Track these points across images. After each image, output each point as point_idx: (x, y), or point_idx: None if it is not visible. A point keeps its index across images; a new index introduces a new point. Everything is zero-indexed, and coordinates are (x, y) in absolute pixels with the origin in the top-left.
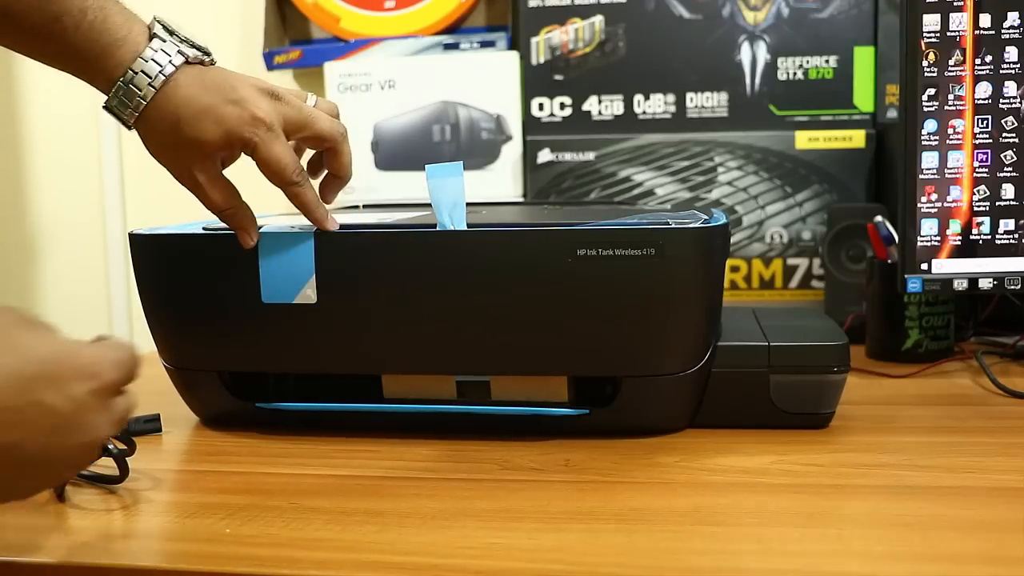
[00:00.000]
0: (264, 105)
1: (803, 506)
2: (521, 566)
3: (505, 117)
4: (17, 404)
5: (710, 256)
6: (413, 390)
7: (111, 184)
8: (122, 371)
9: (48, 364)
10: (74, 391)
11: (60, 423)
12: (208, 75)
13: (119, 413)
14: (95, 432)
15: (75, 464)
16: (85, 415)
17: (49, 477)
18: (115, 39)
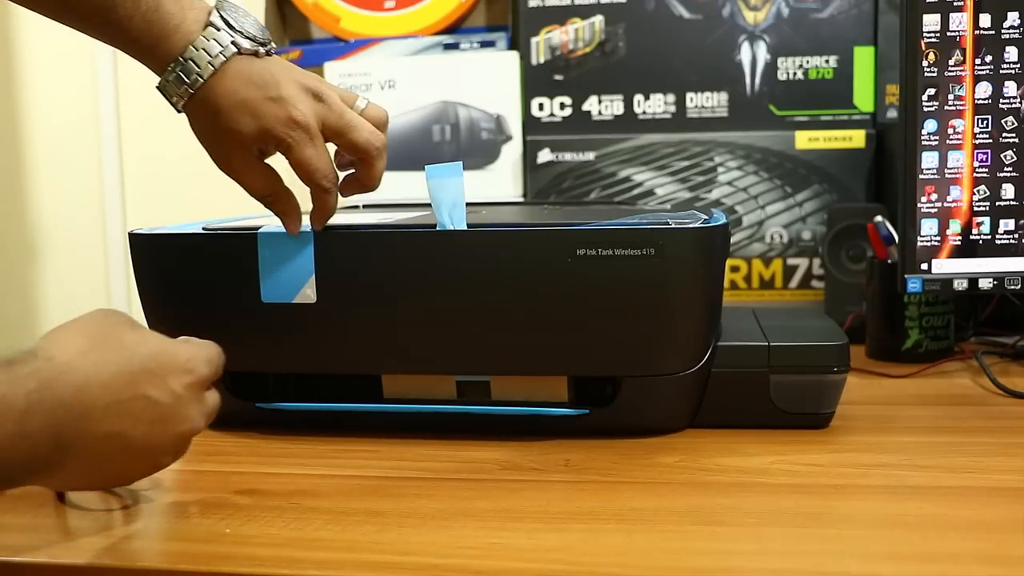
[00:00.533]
0: (303, 106)
1: (803, 506)
2: (521, 566)
3: (505, 117)
4: (124, 397)
5: (710, 256)
6: (413, 390)
7: (111, 184)
8: (212, 367)
9: (151, 361)
10: (173, 385)
11: (160, 414)
12: (256, 68)
13: (210, 406)
14: (190, 423)
15: (171, 452)
16: (182, 407)
17: (149, 464)
18: (168, 27)
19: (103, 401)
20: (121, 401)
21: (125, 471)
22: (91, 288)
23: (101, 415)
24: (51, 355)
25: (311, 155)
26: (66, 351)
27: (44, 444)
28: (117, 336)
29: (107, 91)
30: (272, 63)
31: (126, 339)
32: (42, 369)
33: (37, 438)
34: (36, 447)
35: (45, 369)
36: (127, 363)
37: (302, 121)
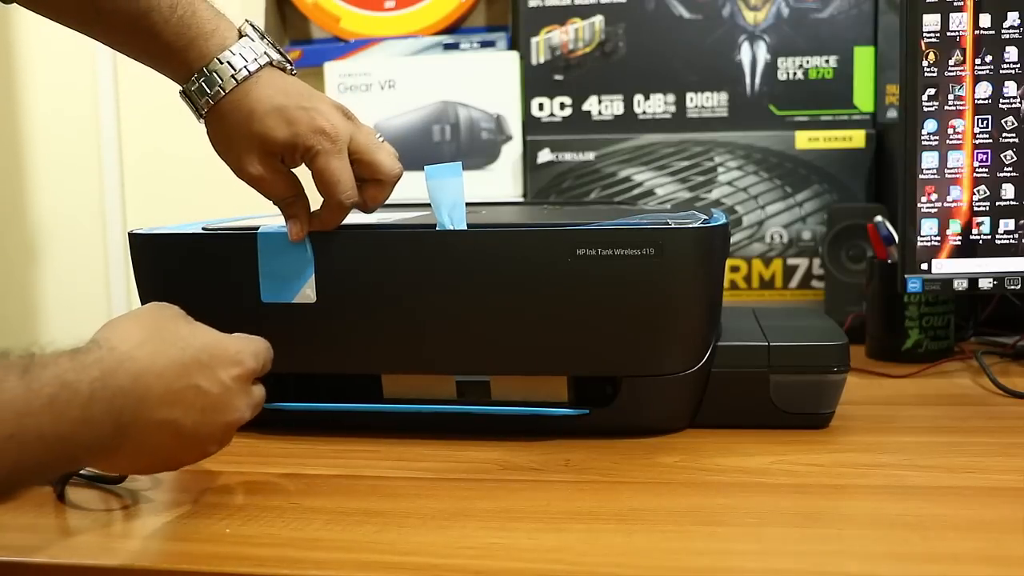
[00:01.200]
0: (335, 119)
1: (803, 506)
2: (521, 566)
3: (505, 117)
4: (177, 386)
5: (710, 256)
6: (413, 390)
7: (111, 184)
8: (259, 361)
9: (202, 352)
10: (222, 376)
11: (210, 403)
12: (288, 80)
13: (257, 398)
14: (237, 413)
15: (218, 441)
16: (231, 397)
17: (198, 451)
18: (203, 31)
19: (158, 389)
20: (174, 390)
21: (176, 456)
22: (91, 288)
23: (156, 402)
24: (113, 345)
25: (336, 166)
26: (126, 341)
27: (106, 429)
28: (172, 329)
29: (107, 91)
30: (300, 79)
31: (180, 331)
32: (105, 358)
33: (100, 423)
34: (99, 431)
35: (107, 358)
36: (180, 354)
37: (332, 132)
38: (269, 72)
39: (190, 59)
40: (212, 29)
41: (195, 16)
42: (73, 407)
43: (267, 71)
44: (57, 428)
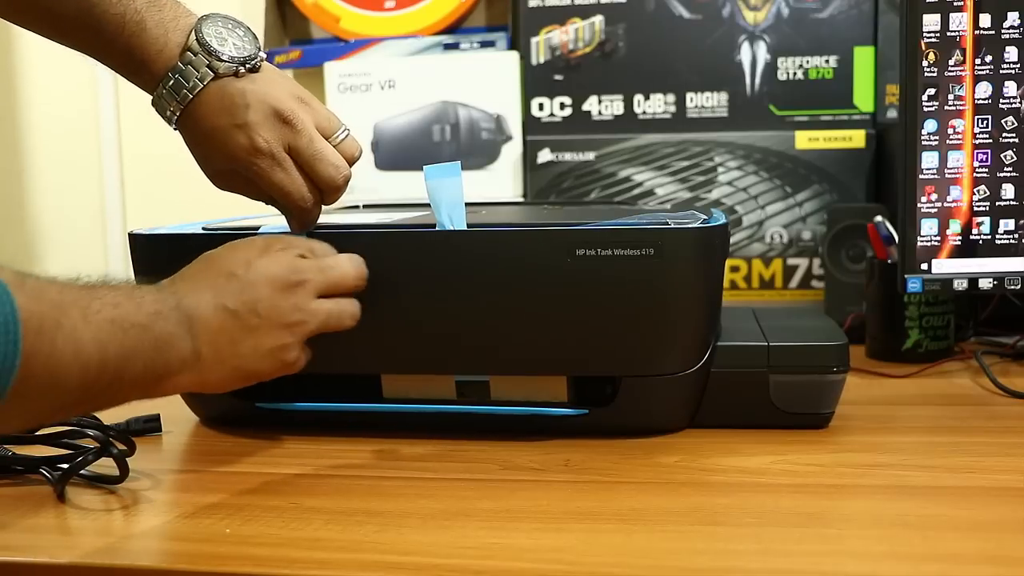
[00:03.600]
0: (268, 133)
1: (803, 506)
2: (521, 566)
3: (505, 117)
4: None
5: (709, 256)
6: (413, 390)
7: (111, 184)
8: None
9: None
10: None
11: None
12: (230, 91)
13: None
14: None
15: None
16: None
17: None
18: (151, 52)
19: (203, 291)
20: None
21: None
22: None
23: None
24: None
25: (280, 180)
26: (177, 275)
27: (183, 335)
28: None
29: (107, 91)
30: (249, 83)
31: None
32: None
33: (180, 335)
34: (182, 343)
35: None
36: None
37: (265, 149)
38: (212, 88)
39: (145, 80)
40: (160, 48)
41: (143, 36)
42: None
43: (211, 87)
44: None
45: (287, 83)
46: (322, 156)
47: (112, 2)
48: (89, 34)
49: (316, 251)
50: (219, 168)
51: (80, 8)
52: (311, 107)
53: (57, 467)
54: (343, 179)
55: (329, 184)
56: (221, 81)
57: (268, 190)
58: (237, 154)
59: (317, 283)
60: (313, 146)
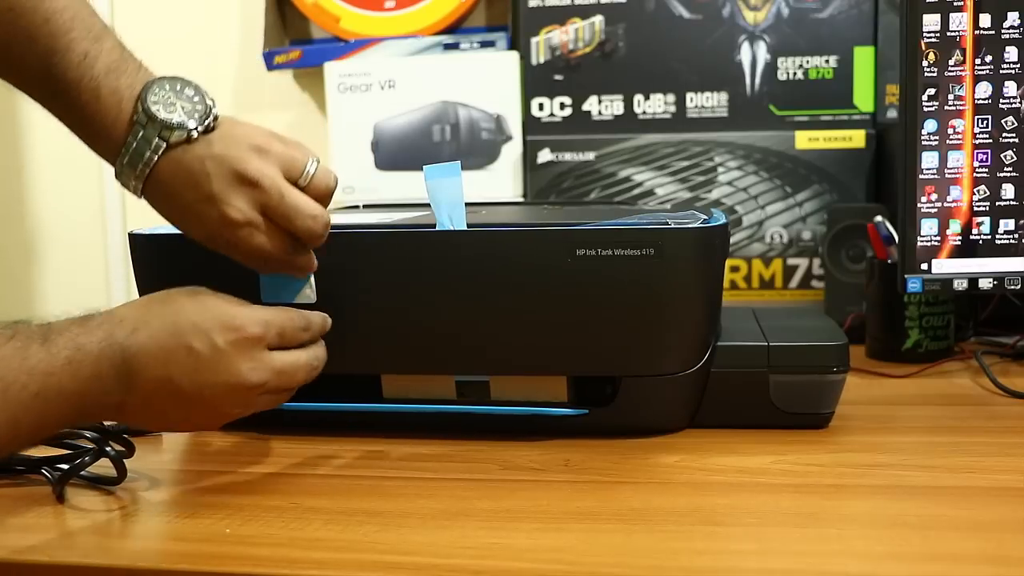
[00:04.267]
0: (237, 201)
1: (803, 506)
2: (521, 566)
3: (505, 117)
4: (169, 345)
5: (710, 256)
6: (413, 390)
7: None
8: (269, 328)
9: (198, 315)
10: (216, 339)
11: (203, 364)
12: (186, 162)
13: (271, 364)
14: (238, 376)
15: (235, 404)
16: (225, 361)
17: (211, 413)
18: (106, 123)
19: (151, 347)
20: (166, 349)
21: (186, 417)
22: (91, 288)
23: (149, 360)
24: (112, 311)
25: (260, 244)
26: (125, 308)
27: (112, 384)
28: (175, 297)
29: None
30: (206, 147)
31: (183, 299)
32: (106, 321)
33: (107, 378)
34: (107, 386)
35: (107, 322)
36: (175, 316)
37: (238, 220)
38: (168, 159)
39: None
40: (112, 120)
41: (97, 105)
42: (86, 366)
43: (166, 159)
44: (73, 384)
45: (245, 134)
46: (295, 211)
47: (71, 65)
48: (48, 95)
49: (287, 335)
50: (201, 240)
51: (42, 66)
52: (272, 153)
53: (57, 467)
54: (322, 228)
55: (309, 236)
56: (177, 151)
57: (251, 255)
58: (212, 229)
59: (271, 386)
60: (284, 203)
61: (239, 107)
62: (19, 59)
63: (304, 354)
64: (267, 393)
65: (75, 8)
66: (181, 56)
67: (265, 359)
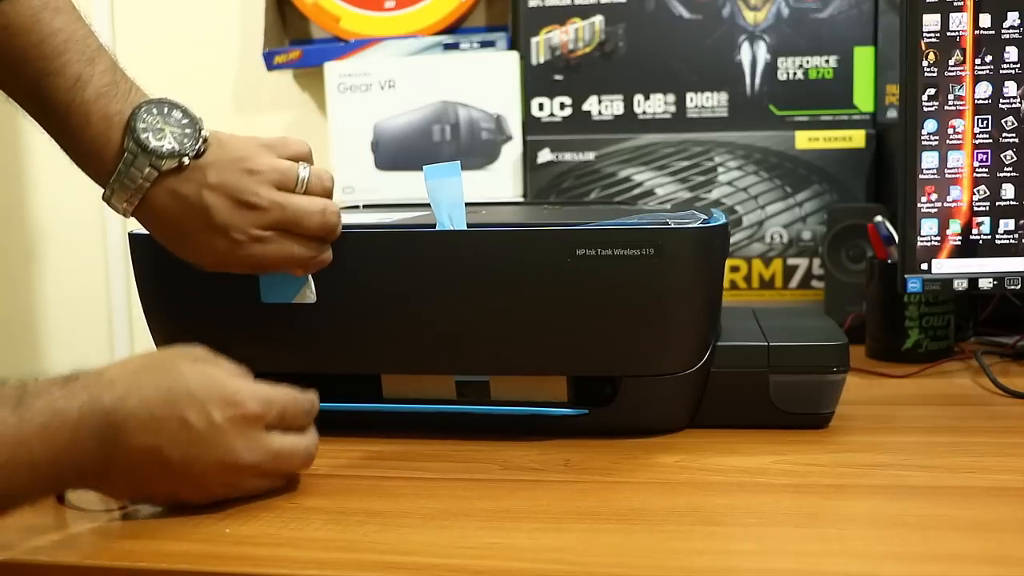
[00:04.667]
0: (242, 226)
1: (803, 506)
2: (521, 566)
3: (505, 117)
4: (162, 415)
5: (709, 256)
6: (413, 390)
7: None
8: (269, 408)
9: (196, 386)
10: (213, 414)
11: (196, 438)
12: (181, 193)
13: (266, 445)
14: (232, 455)
15: (221, 484)
16: (220, 437)
17: (195, 489)
18: (96, 148)
19: (141, 414)
20: (157, 418)
21: (169, 488)
22: (91, 288)
23: (138, 427)
24: (102, 372)
25: (274, 255)
26: (117, 369)
27: (92, 450)
28: (173, 362)
29: None
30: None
31: (181, 366)
32: (91, 384)
33: (86, 444)
34: (86, 453)
35: (94, 384)
36: (171, 384)
37: (245, 240)
38: (161, 186)
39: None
40: (102, 145)
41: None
42: (63, 432)
43: (158, 188)
44: (47, 453)
45: (234, 156)
46: (301, 213)
47: (62, 88)
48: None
49: (288, 417)
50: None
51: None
52: (263, 172)
53: None
54: (334, 218)
55: (323, 230)
56: (170, 179)
57: (270, 268)
58: (223, 257)
59: (265, 469)
60: (287, 214)
61: (239, 107)
62: (12, 77)
63: (304, 440)
64: (259, 476)
65: (70, 30)
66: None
67: (263, 440)
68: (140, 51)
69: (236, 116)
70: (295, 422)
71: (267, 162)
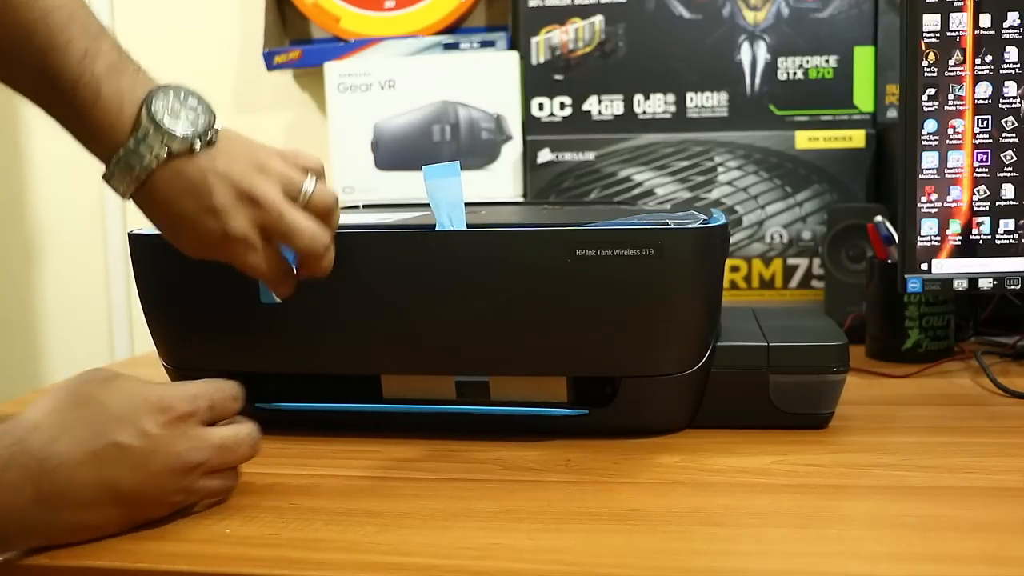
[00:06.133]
0: (239, 218)
1: (803, 506)
2: (521, 566)
3: (505, 117)
4: (96, 447)
5: (709, 256)
6: (413, 390)
7: None
8: (195, 403)
9: (117, 407)
10: (146, 427)
11: (138, 457)
12: (189, 173)
13: (209, 440)
14: (179, 459)
15: (178, 491)
16: (162, 446)
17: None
18: (103, 124)
19: (77, 453)
20: (94, 451)
21: (129, 516)
22: (91, 288)
23: (79, 467)
24: (24, 415)
25: (254, 263)
26: (36, 411)
27: (26, 497)
28: (86, 392)
29: None
30: (208, 161)
31: (95, 392)
32: (13, 428)
33: (18, 489)
34: (18, 499)
35: (18, 428)
36: (94, 414)
37: (239, 235)
38: (168, 169)
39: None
40: (112, 120)
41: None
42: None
43: (166, 168)
44: None
45: (246, 151)
46: (295, 230)
47: (71, 62)
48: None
49: (218, 407)
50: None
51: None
52: (272, 172)
53: None
54: (323, 245)
55: (311, 253)
56: (178, 161)
57: (242, 270)
58: (208, 240)
59: (212, 464)
60: (284, 222)
61: (239, 107)
62: (15, 54)
63: (244, 427)
64: (209, 473)
65: (72, 7)
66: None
67: (203, 436)
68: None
69: (236, 116)
70: (226, 411)
71: (278, 166)
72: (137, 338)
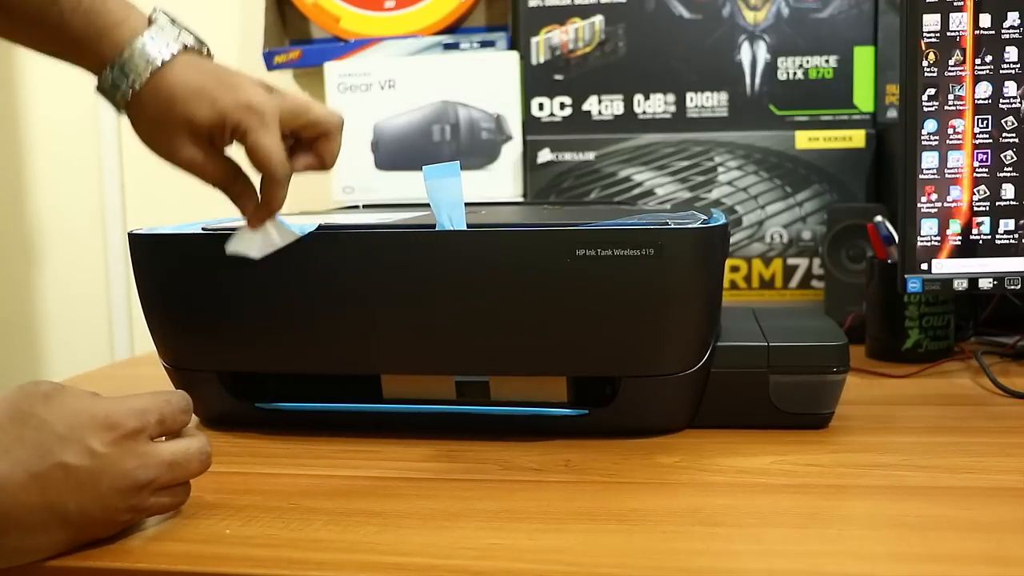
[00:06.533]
0: (259, 94)
1: (803, 506)
2: (521, 566)
3: (505, 117)
4: (40, 469)
5: (709, 256)
6: (413, 390)
7: (111, 184)
8: (143, 419)
9: (62, 426)
10: (92, 445)
11: (85, 478)
12: (205, 62)
13: (158, 457)
14: (127, 478)
15: (126, 510)
16: (110, 464)
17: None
18: (113, 20)
19: (19, 477)
20: (38, 474)
21: (76, 537)
22: (91, 288)
23: (21, 491)
24: None
25: (267, 141)
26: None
27: None
28: (26, 408)
29: None
30: (219, 63)
31: (37, 411)
32: None
33: None
34: None
35: None
36: (37, 435)
37: (258, 105)
38: (185, 56)
39: (102, 50)
40: (122, 18)
41: (105, 4)
42: None
43: (183, 56)
44: None
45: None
46: (312, 103)
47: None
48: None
49: (167, 421)
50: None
51: None
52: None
53: None
54: (338, 119)
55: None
56: (193, 53)
57: (251, 151)
58: (228, 109)
59: (162, 482)
60: (300, 99)
61: None
62: None
63: (194, 441)
64: (159, 491)
65: None
66: None
67: (152, 452)
68: None
69: None
70: (176, 424)
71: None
72: (137, 338)
